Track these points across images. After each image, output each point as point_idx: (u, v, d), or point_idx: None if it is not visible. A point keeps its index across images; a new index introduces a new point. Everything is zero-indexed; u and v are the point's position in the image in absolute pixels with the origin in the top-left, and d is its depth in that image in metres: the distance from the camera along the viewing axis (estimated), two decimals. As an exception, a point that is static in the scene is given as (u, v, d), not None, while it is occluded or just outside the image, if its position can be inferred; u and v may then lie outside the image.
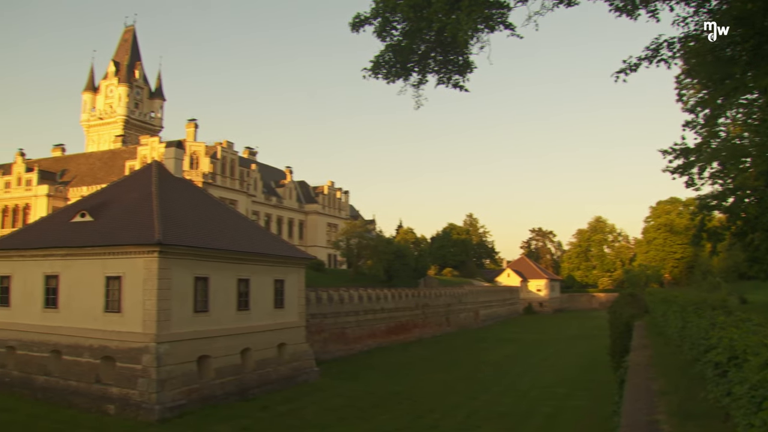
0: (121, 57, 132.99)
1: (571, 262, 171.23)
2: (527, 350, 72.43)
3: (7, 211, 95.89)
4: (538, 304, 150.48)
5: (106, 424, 33.91)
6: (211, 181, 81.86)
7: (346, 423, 35.26)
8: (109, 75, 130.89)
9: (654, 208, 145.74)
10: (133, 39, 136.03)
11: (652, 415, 9.99)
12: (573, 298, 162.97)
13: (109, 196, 44.50)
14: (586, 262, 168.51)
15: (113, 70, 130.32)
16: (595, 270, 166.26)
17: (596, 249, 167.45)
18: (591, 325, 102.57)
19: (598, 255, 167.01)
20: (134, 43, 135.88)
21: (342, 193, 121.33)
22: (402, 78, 17.01)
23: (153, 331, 35.49)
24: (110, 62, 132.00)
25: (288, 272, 47.88)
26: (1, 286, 43.74)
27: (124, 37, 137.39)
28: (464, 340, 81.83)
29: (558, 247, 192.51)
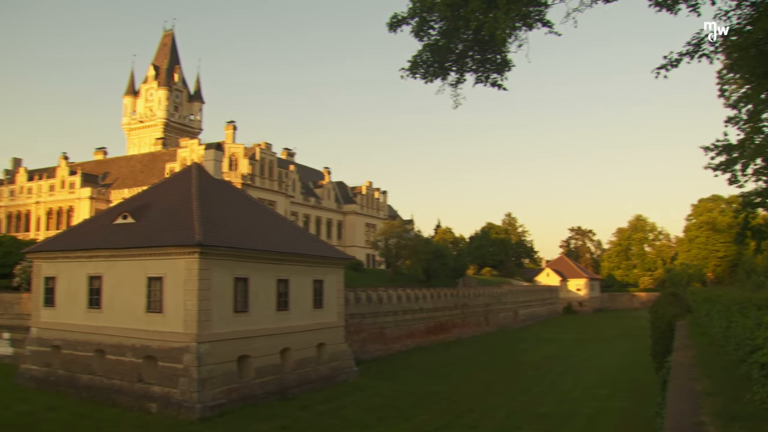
0: (160, 61, 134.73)
1: (611, 261, 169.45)
2: (567, 350, 71.78)
3: (52, 213, 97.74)
4: (577, 304, 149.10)
5: (148, 422, 34.32)
6: (250, 182, 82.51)
7: (385, 422, 35.23)
8: (149, 79, 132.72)
9: (696, 205, 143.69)
10: (172, 43, 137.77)
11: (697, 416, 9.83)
12: (613, 297, 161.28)
13: (150, 198, 45.04)
14: (627, 261, 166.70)
15: (153, 74, 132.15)
16: (636, 269, 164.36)
17: (637, 248, 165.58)
18: (632, 324, 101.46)
19: (639, 254, 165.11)
20: (173, 46, 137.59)
21: (380, 193, 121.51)
22: (440, 77, 16.93)
23: (194, 331, 35.84)
24: (150, 66, 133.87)
25: (327, 272, 48.03)
26: (46, 286, 44.57)
27: (163, 41, 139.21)
28: (503, 340, 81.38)
29: (598, 246, 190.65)
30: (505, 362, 61.01)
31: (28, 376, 44.04)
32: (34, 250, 46.81)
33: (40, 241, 54.61)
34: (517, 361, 62.10)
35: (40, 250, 46.00)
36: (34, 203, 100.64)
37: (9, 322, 54.81)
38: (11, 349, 53.90)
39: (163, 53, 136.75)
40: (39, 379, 43.29)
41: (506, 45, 15.99)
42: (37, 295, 45.53)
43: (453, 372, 53.76)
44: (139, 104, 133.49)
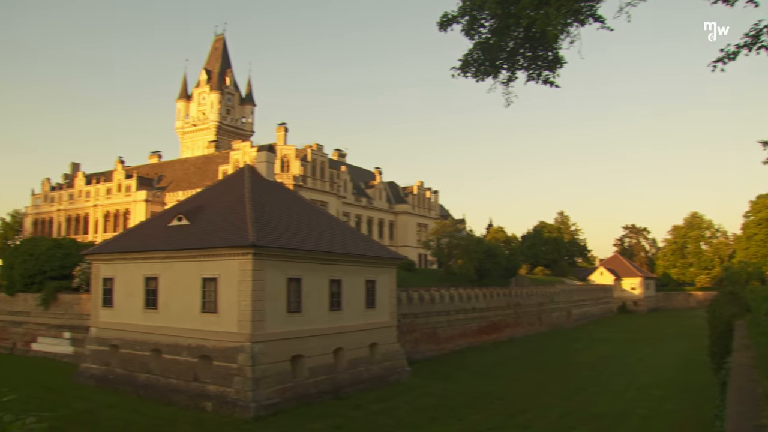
0: (212, 65, 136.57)
1: (667, 259, 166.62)
2: (622, 350, 70.77)
3: (109, 216, 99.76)
4: (632, 303, 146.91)
5: (203, 420, 34.77)
6: (302, 183, 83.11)
7: (438, 422, 35.12)
8: (201, 83, 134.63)
9: (754, 202, 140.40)
10: (223, 47, 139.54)
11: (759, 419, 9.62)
12: (669, 296, 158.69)
13: (204, 200, 45.64)
14: (683, 259, 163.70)
15: (205, 78, 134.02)
16: (692, 267, 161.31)
17: (693, 246, 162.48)
18: (688, 324, 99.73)
19: (695, 252, 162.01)
20: (224, 50, 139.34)
21: (431, 193, 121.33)
22: (491, 76, 16.82)
23: (248, 331, 36.21)
24: (202, 71, 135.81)
25: (379, 272, 48.12)
26: (104, 287, 45.51)
27: (214, 46, 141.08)
28: (557, 340, 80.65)
29: (652, 245, 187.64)
30: (559, 362, 60.40)
31: (88, 375, 45.04)
32: (93, 252, 47.81)
33: (98, 243, 55.68)
34: (571, 361, 61.44)
35: (99, 252, 46.97)
36: (92, 206, 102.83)
37: (69, 321, 56.16)
38: (71, 348, 55.19)
39: (214, 57, 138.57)
40: (98, 378, 44.23)
41: (558, 41, 15.83)
42: (95, 296, 46.53)
43: (506, 372, 53.44)
44: (192, 108, 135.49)
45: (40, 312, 59.18)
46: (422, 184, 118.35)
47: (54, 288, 57.97)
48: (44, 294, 58.10)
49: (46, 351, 57.94)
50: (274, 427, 33.26)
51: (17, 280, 61.08)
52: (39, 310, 59.19)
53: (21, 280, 60.68)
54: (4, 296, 63.75)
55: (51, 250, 59.82)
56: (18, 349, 61.24)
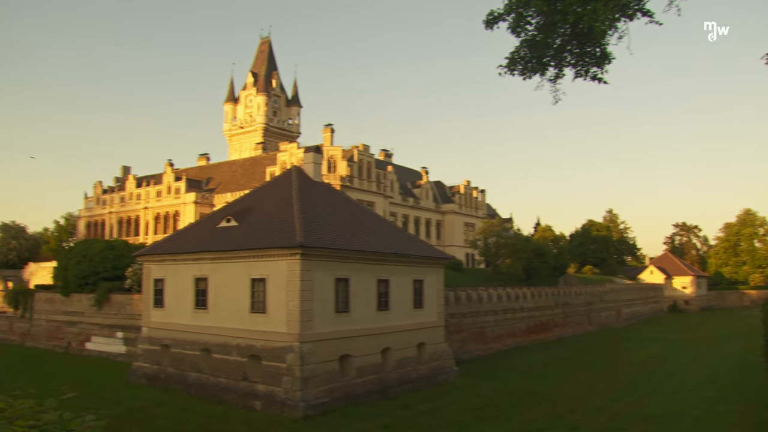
0: (258, 68, 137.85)
1: (719, 257, 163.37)
2: (673, 350, 69.60)
3: (159, 218, 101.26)
4: (683, 302, 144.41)
5: (252, 419, 35.12)
6: (349, 183, 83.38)
7: (485, 422, 34.95)
8: (248, 86, 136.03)
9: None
10: (269, 49, 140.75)
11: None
12: (721, 295, 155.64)
13: (252, 202, 46.05)
14: (735, 257, 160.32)
15: (251, 81, 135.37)
16: (746, 266, 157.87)
17: (746, 243, 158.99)
18: (742, 324, 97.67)
19: (749, 250, 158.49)
20: (270, 53, 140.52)
21: (478, 192, 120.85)
22: (538, 73, 16.74)
23: (296, 331, 36.44)
24: (248, 73, 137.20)
25: (427, 272, 48.05)
26: (155, 288, 46.22)
27: (260, 49, 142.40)
28: (606, 340, 79.64)
29: (704, 243, 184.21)
30: (608, 362, 59.63)
31: (140, 374, 45.81)
32: (144, 253, 48.58)
33: (149, 245, 56.61)
34: (621, 361, 60.59)
35: (149, 253, 47.70)
36: (142, 209, 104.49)
37: (122, 321, 57.22)
38: (124, 348, 56.21)
39: (260, 60, 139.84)
40: (150, 376, 44.95)
41: (606, 37, 15.68)
42: (147, 296, 47.29)
43: (554, 372, 52.94)
44: (239, 110, 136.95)
45: (93, 312, 60.42)
46: (469, 183, 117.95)
47: (107, 289, 59.11)
48: (97, 294, 59.28)
49: (100, 350, 59.12)
50: (323, 427, 33.44)
51: (71, 281, 62.43)
52: (92, 310, 60.44)
53: (75, 281, 62.01)
54: (59, 297, 65.22)
55: (104, 251, 60.98)
56: (73, 348, 62.61)
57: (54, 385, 39.70)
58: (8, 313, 73.72)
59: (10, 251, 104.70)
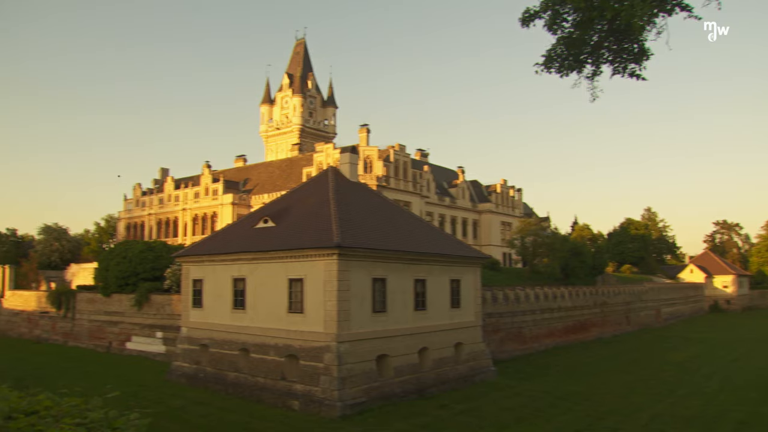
0: (293, 69, 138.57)
1: (761, 256, 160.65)
2: (714, 350, 68.58)
3: (197, 219, 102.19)
4: (724, 302, 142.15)
5: (291, 419, 35.30)
6: (385, 184, 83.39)
7: (524, 423, 34.75)
8: (284, 87, 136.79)
9: None
10: (304, 51, 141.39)
11: None
12: (765, 294, 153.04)
13: (289, 202, 46.30)
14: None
15: (287, 83, 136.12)
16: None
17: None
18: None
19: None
20: (305, 54, 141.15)
21: (515, 191, 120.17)
22: (575, 70, 16.57)
23: (334, 331, 36.57)
24: (284, 75, 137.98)
25: (464, 272, 47.94)
26: (194, 288, 46.68)
27: (295, 50, 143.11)
28: (645, 340, 78.74)
29: (746, 241, 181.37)
30: (648, 362, 58.90)
31: (180, 373, 46.28)
32: (183, 254, 49.07)
33: (188, 246, 57.21)
34: (661, 361, 59.83)
35: (188, 254, 48.18)
36: (181, 210, 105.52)
37: (161, 321, 57.88)
38: (164, 347, 56.86)
39: (296, 61, 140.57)
40: (189, 376, 45.40)
41: (644, 33, 15.48)
42: (186, 297, 47.78)
43: (593, 372, 52.48)
44: (275, 112, 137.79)
45: (133, 312, 61.21)
46: (505, 182, 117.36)
47: (146, 289, 59.83)
48: (137, 295, 60.04)
49: (140, 350, 59.88)
50: (360, 426, 33.48)
51: (112, 281, 63.31)
52: (133, 310, 61.23)
53: (116, 282, 62.86)
54: (101, 297, 66.18)
55: (143, 252, 61.73)
56: (114, 347, 63.48)
57: (96, 384, 40.17)
58: (51, 313, 74.97)
59: (52, 253, 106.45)
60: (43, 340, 75.10)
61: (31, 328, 79.02)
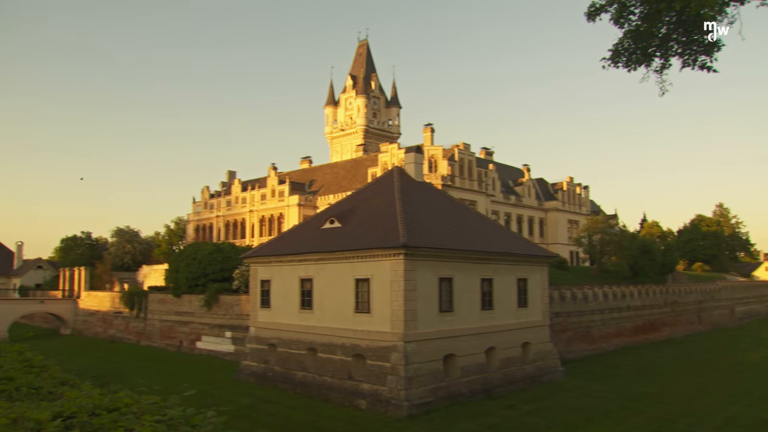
0: (357, 70, 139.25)
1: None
2: (793, 350, 66.48)
3: (264, 220, 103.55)
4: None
5: (358, 418, 35.55)
6: (450, 183, 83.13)
7: (593, 424, 34.28)
8: (347, 88, 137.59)
9: None
10: (366, 52, 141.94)
11: None
12: None
13: (354, 203, 46.58)
14: None
15: (351, 84, 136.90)
16: None
17: None
18: None
19: None
20: (368, 55, 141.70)
21: (581, 188, 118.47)
22: (643, 64, 16.28)
23: (400, 331, 36.66)
24: (347, 76, 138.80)
25: (530, 271, 47.57)
26: (262, 289, 47.33)
27: (358, 51, 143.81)
28: (718, 340, 76.69)
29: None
30: (721, 363, 57.36)
31: (248, 372, 46.98)
32: (250, 255, 49.78)
33: (255, 247, 57.97)
34: (735, 361, 58.24)
35: (256, 255, 48.85)
36: (248, 212, 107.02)
37: (230, 321, 58.85)
38: (233, 347, 57.79)
39: (359, 63, 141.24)
40: (258, 375, 46.06)
41: (715, 23, 15.10)
42: (254, 297, 48.47)
43: (664, 373, 51.36)
44: (340, 113, 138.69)
45: (203, 312, 62.40)
46: (572, 179, 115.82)
47: (216, 290, 60.90)
48: (207, 295, 61.18)
49: (210, 349, 60.98)
50: (427, 426, 33.51)
51: (182, 282, 64.63)
52: (202, 310, 62.43)
53: (186, 283, 64.16)
54: (171, 297, 67.65)
55: (212, 254, 62.84)
56: (184, 347, 64.82)
57: (168, 382, 41.08)
58: (124, 314, 76.99)
59: (125, 255, 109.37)
60: (117, 339, 77.18)
61: (105, 328, 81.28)
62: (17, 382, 8.94)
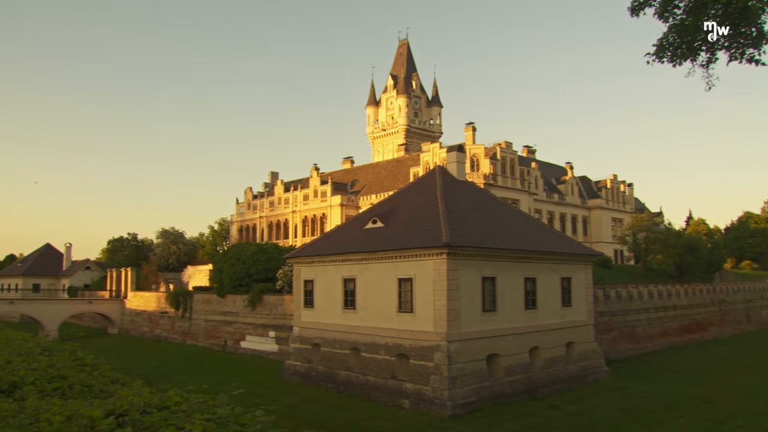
0: (397, 70, 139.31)
1: None
2: None
3: (307, 221, 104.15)
4: None
5: (401, 417, 35.65)
6: (492, 182, 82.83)
7: (639, 425, 33.89)
8: (388, 88, 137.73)
9: None
10: (407, 51, 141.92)
11: None
12: None
13: (396, 203, 46.68)
14: None
15: (391, 84, 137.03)
16: None
17: None
18: None
19: None
20: (409, 55, 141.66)
21: (626, 186, 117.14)
22: (689, 59, 16.08)
23: (444, 330, 36.66)
24: (388, 76, 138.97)
25: (574, 270, 47.23)
26: (305, 289, 47.65)
27: (399, 51, 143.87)
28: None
29: None
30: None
31: (292, 371, 47.34)
32: (294, 255, 50.15)
33: (298, 247, 58.39)
34: (787, 362, 57.06)
35: (299, 255, 49.20)
36: (291, 212, 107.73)
37: (274, 321, 59.32)
38: (276, 346, 58.25)
39: (399, 62, 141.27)
40: (301, 374, 46.40)
41: (762, 16, 14.87)
42: (297, 297, 48.80)
43: (711, 373, 50.50)
44: (381, 113, 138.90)
45: (247, 312, 62.98)
46: (615, 177, 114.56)
47: (259, 290, 61.44)
48: (251, 295, 61.75)
49: (254, 348, 61.53)
50: (471, 426, 33.48)
51: (226, 282, 65.31)
52: (246, 310, 63.02)
53: (230, 283, 64.81)
54: (216, 298, 68.40)
55: (255, 254, 63.39)
56: (229, 346, 65.47)
57: (213, 381, 41.51)
58: (170, 313, 78.03)
59: (170, 255, 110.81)
60: (162, 338, 78.26)
61: (151, 328, 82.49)
62: (70, 380, 9.18)
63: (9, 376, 8.89)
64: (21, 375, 9.03)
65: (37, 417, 6.31)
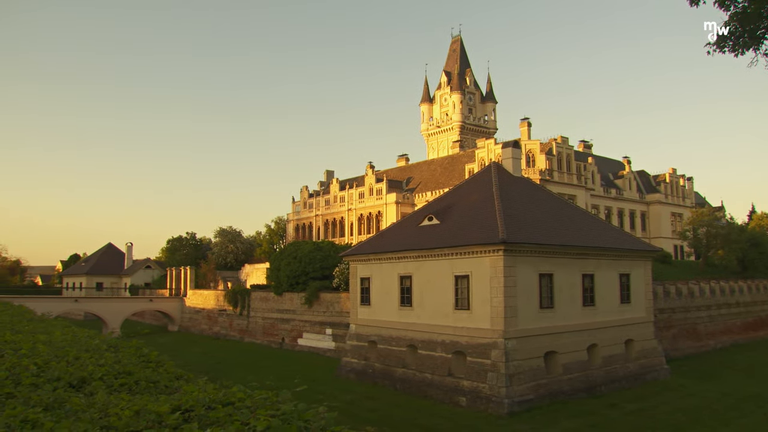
0: (451, 67, 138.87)
1: None
2: None
3: (362, 218, 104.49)
4: None
5: (458, 415, 35.59)
6: (548, 177, 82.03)
7: (699, 426, 33.19)
8: (442, 85, 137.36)
9: None
10: (460, 48, 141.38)
11: None
12: None
13: (452, 200, 46.58)
14: None
15: (445, 80, 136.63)
16: None
17: None
18: None
19: None
20: (462, 51, 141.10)
21: (685, 180, 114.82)
22: (751, 48, 15.68)
23: (501, 327, 36.51)
24: (442, 73, 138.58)
25: (633, 266, 46.57)
26: (362, 286, 47.91)
27: (452, 48, 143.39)
28: (837, 337, 73.08)
29: None
30: (842, 363, 54.61)
31: (349, 369, 47.63)
32: (350, 253, 50.45)
33: (354, 245, 58.67)
34: None
35: (355, 253, 49.48)
36: (346, 210, 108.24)
37: (331, 319, 59.77)
38: (333, 344, 58.69)
39: (453, 59, 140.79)
40: (358, 371, 46.66)
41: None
42: (354, 295, 49.09)
43: (776, 372, 49.25)
44: (435, 110, 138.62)
45: (304, 310, 63.58)
46: (675, 171, 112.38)
47: (316, 288, 61.96)
48: (308, 293, 62.31)
49: (311, 346, 62.11)
50: (528, 424, 33.27)
51: (283, 280, 66.00)
52: (303, 308, 63.63)
53: (287, 281, 65.48)
54: (273, 295, 69.19)
55: (312, 252, 63.92)
56: (286, 343, 66.18)
57: (272, 378, 42.01)
58: (228, 311, 79.18)
59: (227, 254, 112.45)
60: (221, 336, 79.46)
61: (210, 325, 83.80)
62: (136, 376, 9.42)
63: (78, 372, 9.15)
64: (89, 371, 9.29)
65: (106, 412, 6.51)
